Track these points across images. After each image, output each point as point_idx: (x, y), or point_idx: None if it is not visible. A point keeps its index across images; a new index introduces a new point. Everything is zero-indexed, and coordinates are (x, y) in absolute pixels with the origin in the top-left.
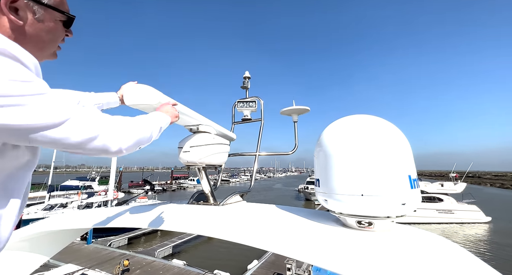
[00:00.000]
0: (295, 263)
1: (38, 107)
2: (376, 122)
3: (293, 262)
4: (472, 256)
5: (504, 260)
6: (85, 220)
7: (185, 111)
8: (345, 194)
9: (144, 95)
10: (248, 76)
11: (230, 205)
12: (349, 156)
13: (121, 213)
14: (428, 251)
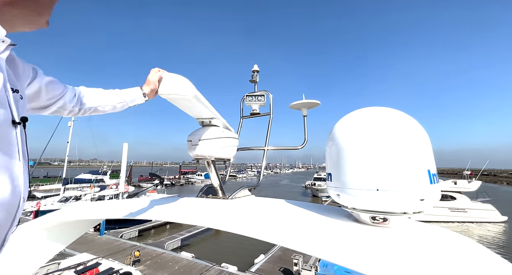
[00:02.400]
0: (302, 258)
1: None
2: (393, 114)
3: (300, 257)
4: (494, 254)
5: None
6: (99, 212)
7: (205, 102)
8: (359, 188)
9: (180, 86)
10: (257, 70)
11: (239, 199)
12: (364, 149)
13: (132, 205)
14: (448, 249)
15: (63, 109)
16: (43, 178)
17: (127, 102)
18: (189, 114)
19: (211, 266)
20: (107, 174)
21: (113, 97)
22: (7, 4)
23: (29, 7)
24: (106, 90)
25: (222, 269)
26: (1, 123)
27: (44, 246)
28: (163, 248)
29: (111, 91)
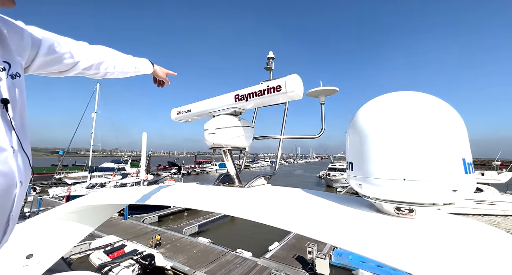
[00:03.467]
0: (316, 246)
1: None
2: (425, 98)
3: (314, 246)
4: None
5: None
6: (123, 197)
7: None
8: (383, 178)
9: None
10: (272, 57)
11: (256, 188)
12: (391, 135)
13: (153, 191)
14: (483, 243)
15: (82, 74)
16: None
17: (139, 69)
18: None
19: (227, 251)
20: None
21: (127, 62)
22: None
23: None
24: (121, 54)
25: (238, 254)
26: None
27: (76, 227)
28: (181, 233)
29: (125, 56)
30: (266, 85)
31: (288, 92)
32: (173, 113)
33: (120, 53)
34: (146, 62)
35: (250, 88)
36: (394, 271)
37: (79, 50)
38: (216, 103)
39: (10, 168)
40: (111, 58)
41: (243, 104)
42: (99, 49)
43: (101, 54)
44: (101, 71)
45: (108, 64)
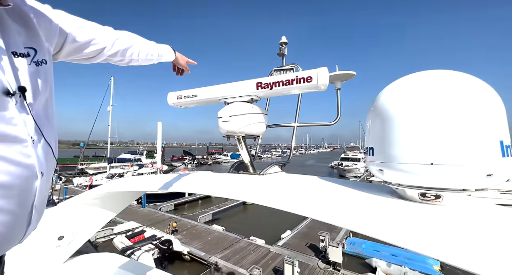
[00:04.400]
0: (329, 235)
1: None
2: (457, 76)
3: (326, 234)
4: None
5: None
6: (143, 184)
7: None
8: (408, 162)
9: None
10: (285, 42)
11: (271, 175)
12: (417, 116)
13: (172, 179)
14: None
15: (107, 61)
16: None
17: (162, 56)
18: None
19: (240, 239)
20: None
21: (152, 48)
22: None
23: None
24: (145, 40)
25: (251, 242)
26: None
27: (100, 212)
28: (196, 221)
29: (149, 42)
30: (295, 75)
31: (319, 84)
32: (172, 98)
33: (143, 39)
34: (169, 49)
35: (276, 77)
36: (409, 261)
37: (105, 36)
38: (232, 90)
39: (29, 159)
40: (136, 45)
41: (265, 92)
42: (124, 35)
43: (126, 40)
44: (126, 58)
45: (133, 50)
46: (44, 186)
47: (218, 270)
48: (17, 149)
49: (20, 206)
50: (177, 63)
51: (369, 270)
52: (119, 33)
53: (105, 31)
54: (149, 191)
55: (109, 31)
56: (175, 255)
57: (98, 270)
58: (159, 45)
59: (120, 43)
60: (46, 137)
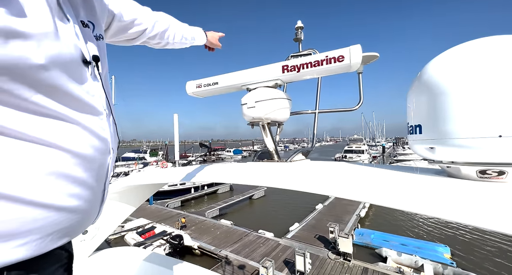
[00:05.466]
0: (338, 226)
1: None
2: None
3: (335, 226)
4: None
5: None
6: (162, 177)
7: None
8: (470, 137)
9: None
10: (301, 26)
11: (298, 162)
12: (478, 86)
13: (193, 171)
14: None
15: (146, 43)
16: None
17: (196, 39)
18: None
19: (249, 232)
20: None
21: (186, 31)
22: None
23: None
24: (179, 22)
25: (260, 235)
26: (69, 63)
27: (120, 207)
28: (204, 216)
29: (183, 25)
30: (325, 55)
31: (352, 64)
32: (191, 87)
33: (178, 22)
34: (201, 32)
35: (303, 58)
36: (419, 249)
37: (147, 17)
38: (255, 75)
39: (105, 133)
40: (173, 27)
41: (291, 76)
42: (162, 17)
43: (164, 22)
44: (164, 41)
45: (170, 33)
46: (112, 165)
47: (229, 263)
48: (96, 121)
49: (98, 181)
50: (210, 44)
51: (379, 260)
52: (157, 14)
53: (146, 12)
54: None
55: (149, 12)
56: (186, 250)
57: (124, 263)
58: (192, 28)
59: (159, 25)
60: (113, 112)
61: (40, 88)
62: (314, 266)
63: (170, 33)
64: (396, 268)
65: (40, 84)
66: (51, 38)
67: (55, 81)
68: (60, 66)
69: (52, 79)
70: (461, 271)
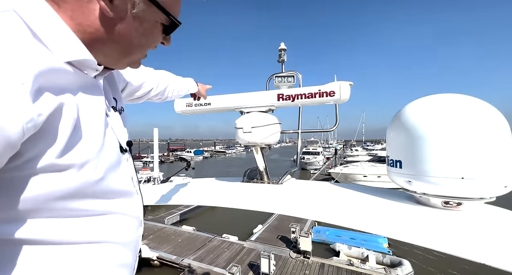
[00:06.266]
0: (299, 226)
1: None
2: (474, 102)
3: (297, 226)
4: None
5: None
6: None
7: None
8: (442, 176)
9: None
10: (284, 48)
11: (286, 183)
12: (449, 138)
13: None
14: None
15: (149, 100)
16: None
17: (189, 90)
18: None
19: (213, 237)
20: None
21: (182, 85)
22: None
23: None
24: (176, 77)
25: (224, 239)
26: (115, 163)
27: None
28: (163, 223)
29: (180, 79)
30: (318, 89)
31: (341, 99)
32: (180, 105)
33: (175, 76)
34: (193, 82)
35: (298, 89)
36: (365, 242)
37: (151, 79)
38: (251, 100)
39: (139, 209)
40: (172, 84)
41: (285, 104)
42: (163, 75)
43: (165, 80)
44: (163, 96)
45: (169, 89)
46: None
47: (192, 272)
48: (131, 202)
49: (134, 258)
50: (198, 93)
51: (333, 255)
52: (159, 74)
53: (150, 73)
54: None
55: (152, 73)
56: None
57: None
58: (186, 80)
59: (162, 85)
60: (139, 187)
61: (94, 196)
62: (277, 266)
63: (169, 89)
64: (347, 260)
65: (96, 194)
66: (105, 151)
67: (108, 186)
68: (110, 170)
69: (106, 185)
70: (396, 258)
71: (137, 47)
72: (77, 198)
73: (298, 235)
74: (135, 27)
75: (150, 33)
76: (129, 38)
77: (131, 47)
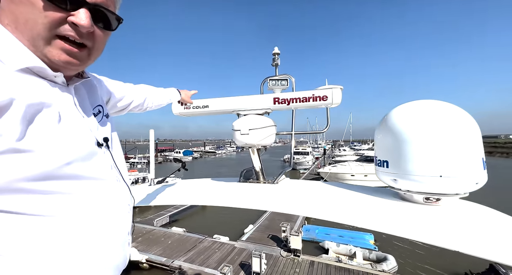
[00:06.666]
0: (289, 225)
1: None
2: (450, 108)
3: (287, 225)
4: None
5: None
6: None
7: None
8: (422, 175)
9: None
10: (277, 52)
11: (281, 183)
12: (429, 141)
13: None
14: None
15: (130, 111)
16: None
17: (171, 99)
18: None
19: (203, 238)
20: None
21: (162, 96)
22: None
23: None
24: (155, 89)
25: (215, 240)
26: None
27: None
28: (152, 225)
29: (159, 90)
30: (312, 93)
31: (333, 103)
32: (178, 108)
33: (155, 88)
34: (175, 91)
35: (293, 93)
36: (352, 239)
37: (131, 92)
38: (247, 103)
39: (123, 196)
40: (151, 95)
41: (281, 107)
42: (141, 88)
43: (143, 93)
44: (144, 107)
45: (149, 101)
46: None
47: (183, 273)
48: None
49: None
50: (183, 100)
51: (322, 252)
52: (137, 88)
53: (129, 88)
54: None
55: (132, 87)
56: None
57: None
58: (167, 90)
59: (140, 97)
60: (124, 177)
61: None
62: (268, 265)
63: (148, 101)
64: (335, 257)
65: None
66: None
67: (76, 171)
68: (79, 158)
69: (74, 170)
70: (381, 253)
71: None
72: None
73: (289, 234)
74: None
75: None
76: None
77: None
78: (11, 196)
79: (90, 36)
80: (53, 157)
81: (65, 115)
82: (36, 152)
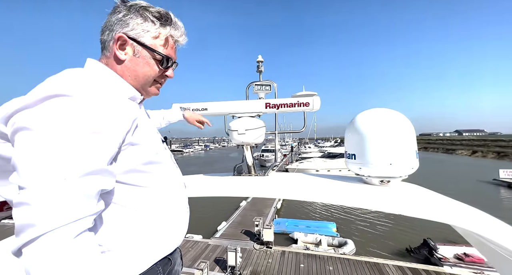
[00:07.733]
0: (262, 219)
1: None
2: (395, 115)
3: (260, 219)
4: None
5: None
6: None
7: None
8: (378, 163)
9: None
10: (261, 60)
11: (270, 175)
12: (382, 139)
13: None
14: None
15: None
16: None
17: (168, 119)
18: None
19: None
20: None
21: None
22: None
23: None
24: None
25: (188, 239)
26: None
27: None
28: None
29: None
30: (297, 100)
31: (314, 109)
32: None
33: (156, 111)
34: (179, 115)
35: (281, 99)
36: (318, 228)
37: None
38: (243, 107)
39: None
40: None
41: (271, 110)
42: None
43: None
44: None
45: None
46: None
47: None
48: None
49: (186, 205)
50: (188, 122)
51: (292, 242)
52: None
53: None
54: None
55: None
56: None
57: None
58: (169, 112)
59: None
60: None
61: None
62: (243, 258)
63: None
64: (304, 246)
65: (158, 161)
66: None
67: (161, 158)
68: (160, 150)
69: (161, 157)
70: (342, 239)
71: (144, 76)
72: (149, 163)
73: (262, 228)
74: (138, 62)
75: (147, 64)
76: (135, 70)
77: (137, 75)
78: (135, 174)
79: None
80: (151, 148)
81: (147, 122)
82: (142, 145)
